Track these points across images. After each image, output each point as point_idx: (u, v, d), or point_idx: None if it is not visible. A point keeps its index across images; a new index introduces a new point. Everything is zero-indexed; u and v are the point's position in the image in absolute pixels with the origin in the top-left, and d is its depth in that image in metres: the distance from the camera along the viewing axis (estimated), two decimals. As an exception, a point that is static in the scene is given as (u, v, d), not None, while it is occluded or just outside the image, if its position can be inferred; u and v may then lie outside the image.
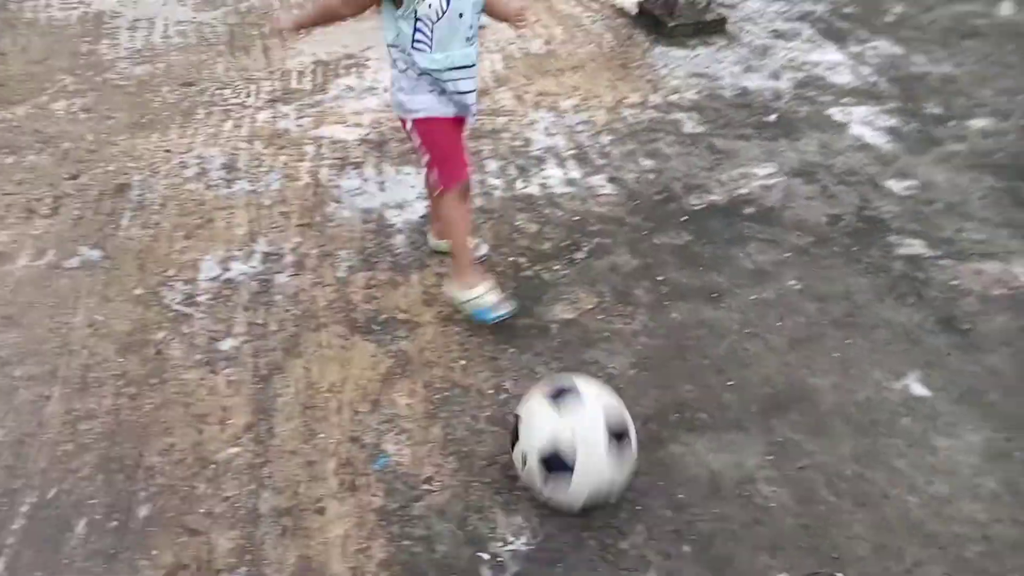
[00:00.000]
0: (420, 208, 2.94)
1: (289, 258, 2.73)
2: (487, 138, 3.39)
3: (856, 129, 3.37)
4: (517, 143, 3.36)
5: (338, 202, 3.01)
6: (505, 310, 2.38)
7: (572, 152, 3.28)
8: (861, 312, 2.44)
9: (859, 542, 1.80)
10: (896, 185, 3.01)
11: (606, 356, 2.31)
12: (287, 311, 2.50)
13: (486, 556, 1.79)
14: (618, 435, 1.77)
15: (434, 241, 2.72)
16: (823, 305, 2.47)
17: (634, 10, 4.50)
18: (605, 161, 3.22)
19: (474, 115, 2.40)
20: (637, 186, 3.06)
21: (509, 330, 2.41)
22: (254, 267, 2.69)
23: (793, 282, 2.56)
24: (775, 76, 3.82)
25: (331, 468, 2.00)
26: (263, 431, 2.10)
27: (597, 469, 1.75)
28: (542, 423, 1.78)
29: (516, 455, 1.85)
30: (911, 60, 3.92)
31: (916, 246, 2.70)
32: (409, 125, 2.29)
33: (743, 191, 3.00)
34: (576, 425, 1.75)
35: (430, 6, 2.06)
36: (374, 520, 1.87)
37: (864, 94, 3.63)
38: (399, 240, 2.80)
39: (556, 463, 1.75)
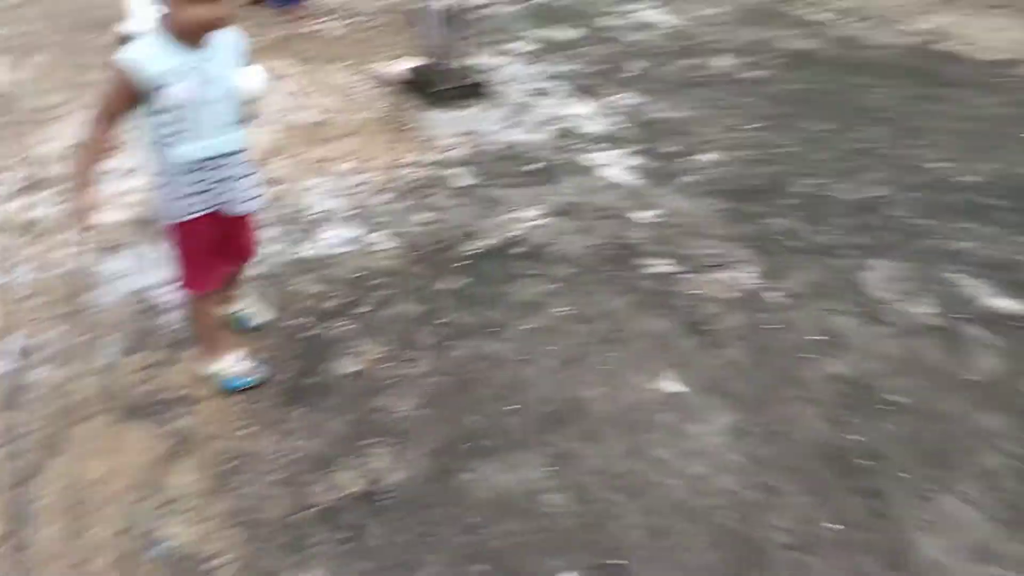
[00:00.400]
0: (196, 283, 2.88)
1: (48, 350, 2.55)
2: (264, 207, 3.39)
3: (607, 171, 3.76)
4: (296, 209, 3.39)
5: (103, 286, 2.86)
6: (254, 376, 2.39)
7: (352, 212, 3.37)
8: (621, 327, 2.71)
9: (634, 529, 1.98)
10: (643, 215, 3.38)
11: (394, 401, 2.37)
12: (47, 406, 2.33)
13: (282, 616, 1.76)
14: None
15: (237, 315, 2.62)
16: (589, 326, 2.71)
17: (402, 78, 4.74)
18: (385, 218, 3.34)
19: (252, 205, 2.28)
20: (417, 238, 3.20)
21: (295, 392, 2.40)
22: (9, 366, 2.48)
23: (561, 309, 2.79)
24: (536, 130, 4.18)
25: (102, 565, 1.87)
26: (21, 540, 1.93)
27: None
28: None
29: None
30: (650, 108, 4.46)
31: (663, 265, 3.04)
32: (165, 227, 2.20)
33: (514, 233, 3.24)
34: None
35: (179, 95, 1.97)
36: (159, 607, 1.78)
37: (612, 139, 4.07)
38: (171, 318, 2.71)
39: None
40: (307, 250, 3.11)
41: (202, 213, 2.16)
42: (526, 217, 3.36)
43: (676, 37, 5.67)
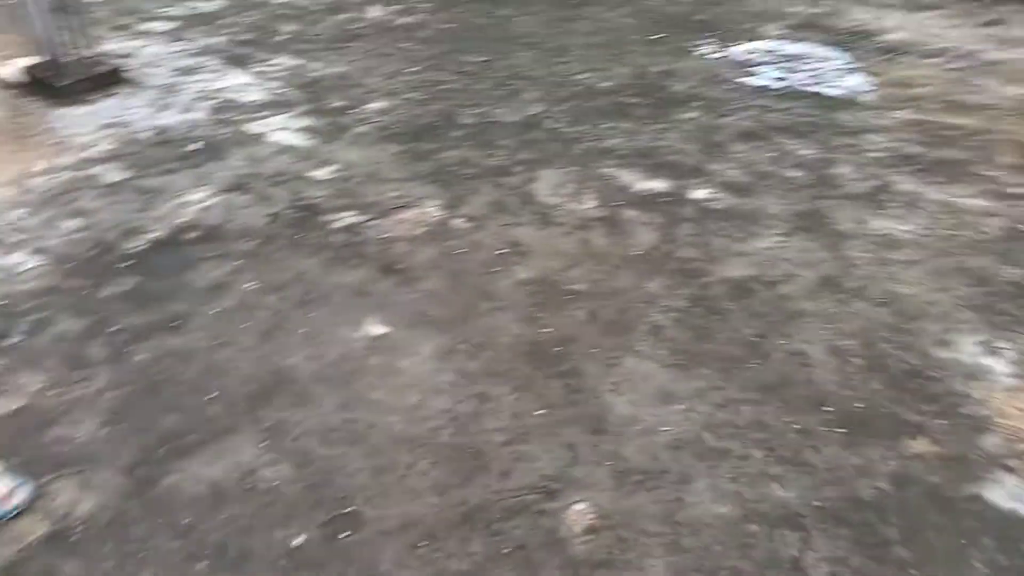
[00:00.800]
0: None
1: None
2: None
3: (276, 136, 3.60)
4: (-100, 250, 2.81)
5: None
6: (14, 501, 1.85)
7: (-22, 239, 2.88)
8: (316, 287, 2.64)
9: (359, 474, 1.96)
10: (320, 173, 3.31)
11: (70, 428, 2.09)
12: None
13: None
14: None
15: None
16: (282, 294, 2.61)
17: (20, 79, 4.10)
18: (22, 236, 2.89)
19: None
20: (67, 249, 2.82)
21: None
22: None
23: (250, 284, 2.65)
24: (189, 109, 3.87)
25: None
26: None
27: None
28: None
29: None
30: (309, 67, 4.34)
31: (347, 217, 3.01)
32: None
33: (183, 220, 2.99)
34: None
35: None
36: None
37: (276, 105, 3.91)
38: None
39: None
40: (-73, 292, 2.61)
41: None
42: (194, 200, 3.11)
43: (326, -5, 5.56)
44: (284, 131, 3.64)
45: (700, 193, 3.15)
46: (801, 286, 2.60)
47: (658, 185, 3.21)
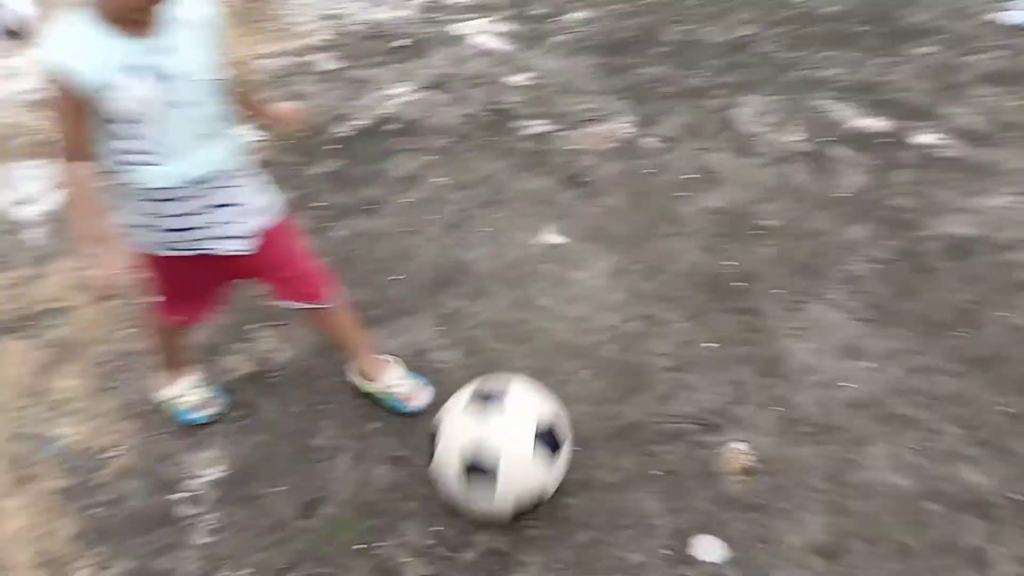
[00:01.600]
0: (51, 199, 2.69)
1: None
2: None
3: (477, 39, 3.64)
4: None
5: (-50, 215, 2.65)
6: (209, 411, 1.92)
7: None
8: (501, 190, 2.68)
9: (522, 372, 2.01)
10: (516, 78, 3.31)
11: (274, 288, 2.32)
12: (-95, 339, 2.18)
13: (180, 495, 1.75)
14: (547, 440, 1.57)
15: (359, 381, 1.93)
16: (469, 192, 2.68)
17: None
18: (246, 112, 3.16)
19: (239, 244, 1.63)
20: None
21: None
22: None
23: (440, 179, 2.74)
24: (400, 6, 3.98)
25: (-9, 473, 1.81)
26: None
27: (523, 476, 1.55)
28: (463, 431, 1.56)
29: (434, 466, 1.62)
30: (518, -29, 4.30)
31: (538, 125, 3.01)
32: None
33: (385, 112, 3.12)
34: (500, 432, 1.54)
35: (130, 99, 1.41)
36: (58, 502, 1.74)
37: (480, 8, 3.93)
38: (35, 234, 2.54)
39: (478, 471, 1.53)
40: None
41: (186, 253, 1.62)
42: (397, 94, 3.23)
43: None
44: (486, 34, 3.67)
45: (926, 138, 2.82)
46: (1033, 254, 2.30)
47: (877, 124, 2.91)
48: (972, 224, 2.42)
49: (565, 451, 1.62)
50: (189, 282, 1.71)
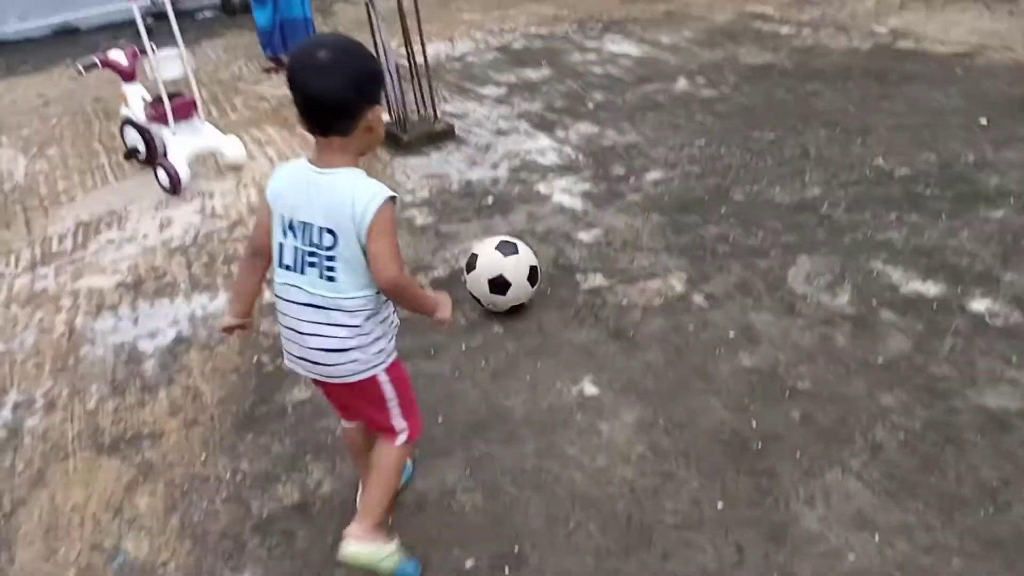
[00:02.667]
0: (171, 333, 3.20)
1: (40, 402, 2.89)
2: (238, 262, 3.73)
3: (557, 197, 3.99)
4: (266, 260, 3.72)
5: (92, 343, 3.20)
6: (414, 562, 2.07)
7: (316, 259, 3.68)
8: (550, 340, 2.92)
9: (534, 519, 2.17)
10: (585, 235, 3.60)
11: (335, 422, 2.62)
12: (35, 449, 2.65)
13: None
14: (533, 273, 3.02)
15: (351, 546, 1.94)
16: (521, 340, 2.93)
17: (378, 131, 5.08)
18: (344, 261, 3.63)
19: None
20: (371, 277, 3.48)
21: (251, 420, 2.68)
22: (4, 416, 2.82)
23: (497, 327, 3.02)
24: (495, 167, 4.45)
25: None
26: (2, 562, 2.22)
27: (521, 291, 3.00)
28: (492, 258, 2.97)
29: (471, 280, 3.03)
30: (604, 135, 4.69)
31: (597, 279, 3.25)
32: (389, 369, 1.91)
33: (462, 264, 3.48)
34: (514, 263, 2.96)
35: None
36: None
37: (565, 169, 4.31)
38: (149, 364, 3.03)
39: (499, 284, 2.95)
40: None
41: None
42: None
43: (639, 65, 5.91)
44: (566, 193, 4.02)
45: (980, 304, 2.81)
46: (1078, 433, 2.21)
47: (931, 288, 2.93)
48: (1014, 398, 2.37)
49: (538, 282, 3.07)
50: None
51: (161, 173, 4.52)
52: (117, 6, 9.43)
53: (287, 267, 1.82)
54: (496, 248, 2.99)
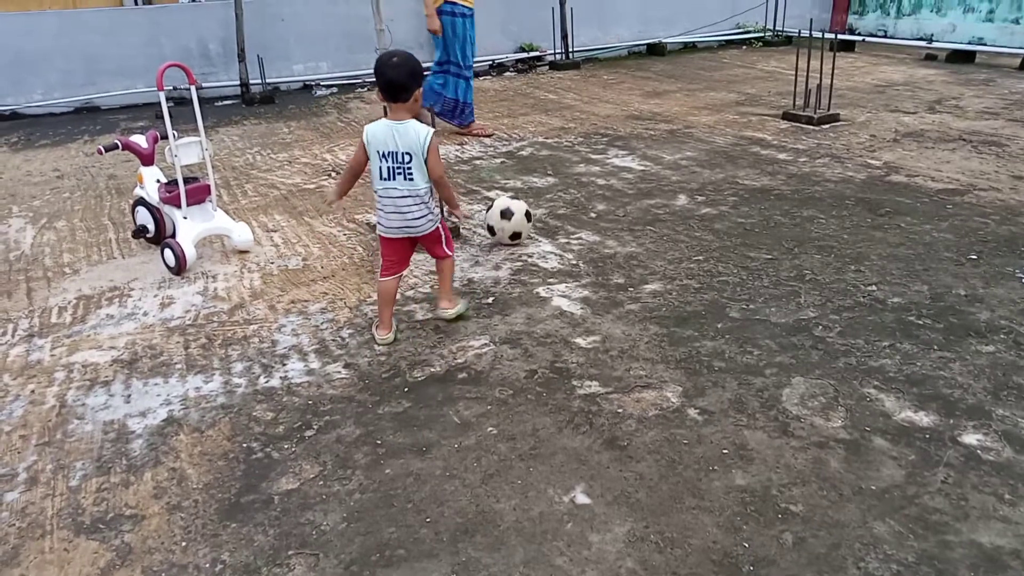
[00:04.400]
0: (163, 413, 3.18)
1: (23, 476, 2.83)
2: (236, 344, 3.74)
3: (556, 301, 4.07)
4: (264, 345, 3.73)
5: (81, 419, 3.17)
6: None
7: (314, 347, 3.70)
8: (543, 444, 2.90)
9: (519, 632, 2.10)
10: (583, 341, 3.65)
11: (321, 516, 2.58)
12: (12, 525, 2.58)
13: None
14: (528, 216, 4.84)
15: (449, 311, 3.86)
16: (513, 443, 2.92)
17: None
18: (343, 351, 3.65)
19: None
20: (369, 368, 3.49)
21: (236, 508, 2.63)
22: (-18, 489, 2.76)
23: (491, 429, 3.01)
24: (497, 267, 4.54)
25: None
26: (-35, 642, 2.13)
27: (520, 222, 4.79)
28: (503, 201, 4.87)
29: (489, 215, 4.86)
30: (605, 244, 4.83)
31: (593, 386, 3.27)
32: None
33: (459, 361, 3.51)
34: (517, 205, 4.82)
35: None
36: None
37: (566, 274, 4.41)
38: (137, 444, 2.99)
39: (506, 213, 4.76)
40: (268, 382, 3.42)
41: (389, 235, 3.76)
42: (473, 346, 3.64)
43: (642, 180, 6.14)
44: (564, 298, 4.10)
45: (972, 438, 2.82)
46: (1073, 576, 2.19)
47: (924, 418, 2.95)
48: (1008, 535, 2.35)
49: (532, 220, 4.93)
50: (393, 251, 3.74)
51: (167, 252, 4.60)
52: (138, 88, 9.84)
53: (385, 179, 3.49)
54: (506, 197, 5.07)
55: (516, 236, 4.80)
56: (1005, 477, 2.62)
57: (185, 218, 4.63)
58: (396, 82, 3.34)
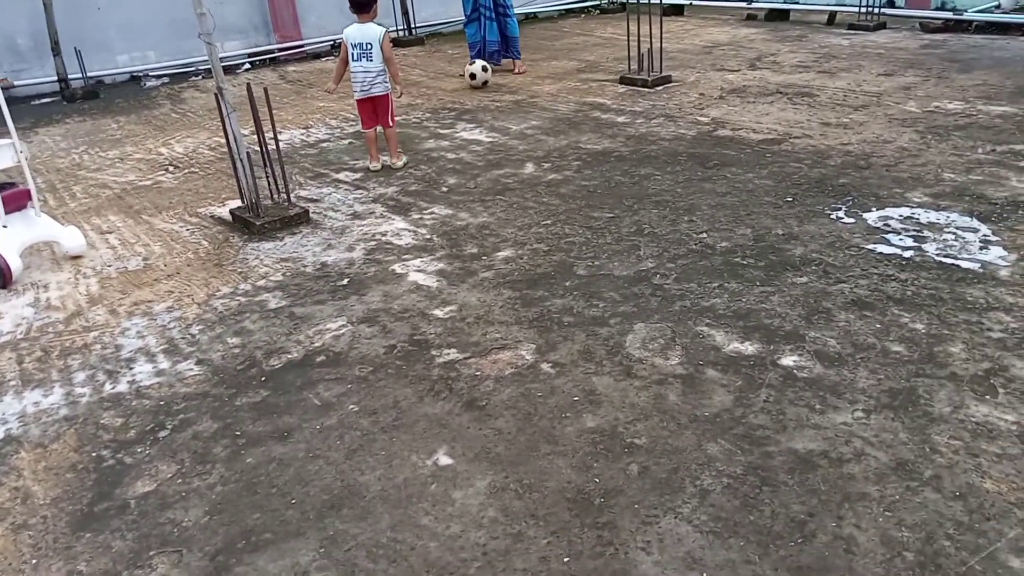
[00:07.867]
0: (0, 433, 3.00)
1: None
2: (76, 354, 3.56)
3: (412, 276, 4.13)
4: (107, 351, 3.57)
5: (-98, 450, 2.94)
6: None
7: (163, 347, 3.58)
8: (405, 414, 2.98)
9: (389, 591, 2.19)
10: (440, 312, 3.74)
11: (182, 513, 2.54)
12: None
13: None
14: (484, 68, 8.69)
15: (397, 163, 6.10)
16: (375, 417, 2.98)
17: (228, 217, 5.06)
18: (193, 348, 3.56)
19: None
20: (223, 362, 3.43)
21: (89, 517, 2.55)
22: None
23: (352, 406, 3.05)
24: (350, 249, 4.54)
25: None
26: None
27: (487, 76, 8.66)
28: (477, 65, 8.63)
29: (470, 69, 8.62)
30: (458, 217, 4.93)
31: (451, 353, 3.38)
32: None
33: (316, 345, 3.51)
34: (480, 64, 8.65)
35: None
36: None
37: (420, 249, 4.47)
38: (-28, 468, 2.82)
39: (485, 69, 8.64)
40: (114, 388, 3.28)
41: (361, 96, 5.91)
42: (330, 328, 3.65)
43: (490, 151, 6.28)
44: (420, 273, 4.17)
45: (789, 360, 3.16)
46: (870, 467, 2.53)
47: (748, 348, 3.27)
48: (818, 440, 2.68)
49: (490, 71, 8.65)
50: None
51: (-10, 265, 4.27)
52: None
53: (356, 59, 5.66)
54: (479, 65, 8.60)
55: (485, 83, 8.51)
56: (816, 390, 2.96)
57: (5, 227, 4.30)
58: (360, 2, 5.62)
